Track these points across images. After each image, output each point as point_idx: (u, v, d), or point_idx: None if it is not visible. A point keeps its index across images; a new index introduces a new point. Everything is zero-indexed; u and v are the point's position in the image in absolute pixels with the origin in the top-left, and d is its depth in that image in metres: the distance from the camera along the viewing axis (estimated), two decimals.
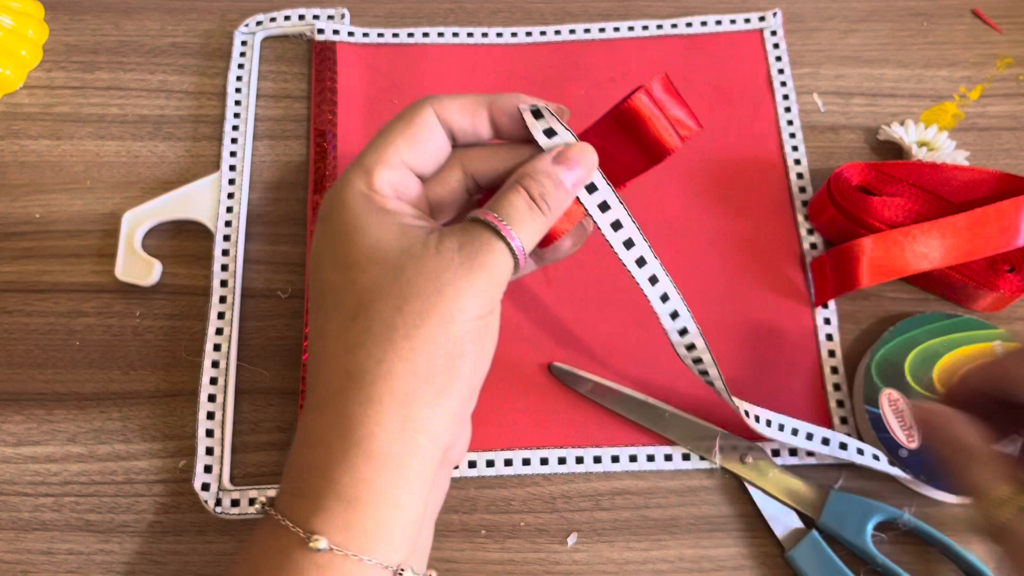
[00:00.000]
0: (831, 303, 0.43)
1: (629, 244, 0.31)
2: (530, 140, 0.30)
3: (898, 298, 0.43)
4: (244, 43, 0.49)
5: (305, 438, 0.27)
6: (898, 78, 0.49)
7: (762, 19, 0.50)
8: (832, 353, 0.42)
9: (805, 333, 0.42)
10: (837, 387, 0.41)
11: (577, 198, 0.30)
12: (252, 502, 0.39)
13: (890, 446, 0.39)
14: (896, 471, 0.39)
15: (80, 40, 0.50)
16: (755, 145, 0.47)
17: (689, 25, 0.50)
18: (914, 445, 0.39)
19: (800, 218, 0.45)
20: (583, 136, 0.30)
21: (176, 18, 0.51)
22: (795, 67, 0.49)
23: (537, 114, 0.30)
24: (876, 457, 0.39)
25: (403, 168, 0.29)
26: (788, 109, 0.47)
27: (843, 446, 0.38)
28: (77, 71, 0.49)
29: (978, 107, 0.48)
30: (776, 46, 0.49)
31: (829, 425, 0.41)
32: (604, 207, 0.31)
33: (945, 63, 0.49)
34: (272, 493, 0.38)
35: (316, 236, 0.29)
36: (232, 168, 0.46)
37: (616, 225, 0.31)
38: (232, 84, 0.48)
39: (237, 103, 0.48)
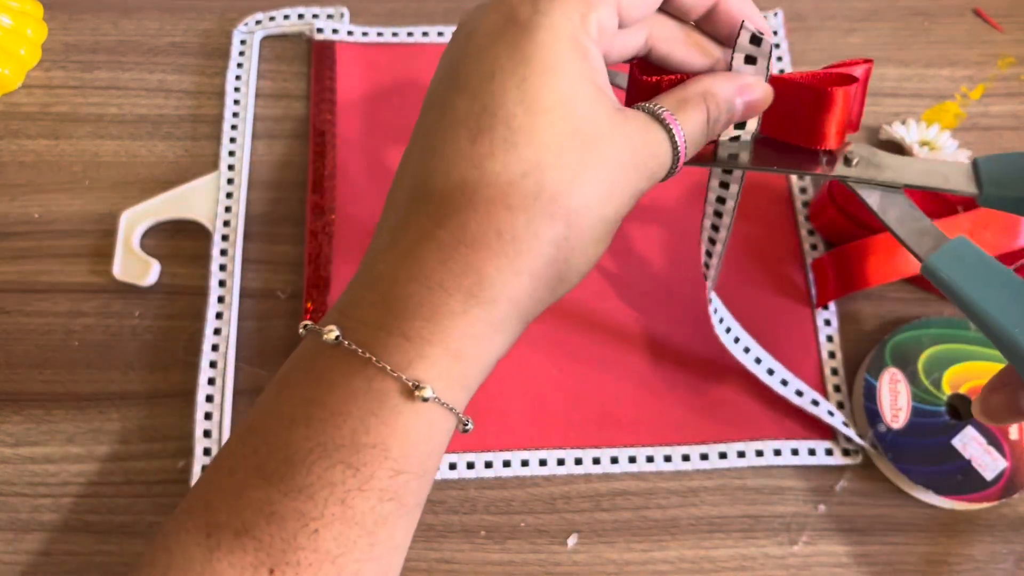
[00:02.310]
0: (831, 304, 0.43)
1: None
2: (725, 43, 0.29)
3: (900, 298, 0.43)
4: (243, 42, 0.49)
5: (412, 270, 0.25)
6: (899, 77, 0.49)
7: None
8: (832, 354, 0.42)
9: (805, 334, 0.42)
10: (837, 388, 0.41)
11: None
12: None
13: (872, 418, 0.39)
14: (854, 436, 0.39)
15: (79, 39, 0.50)
16: None
17: None
18: (896, 426, 0.39)
19: (801, 219, 0.45)
20: (772, 80, 0.29)
21: (175, 17, 0.50)
22: (796, 66, 0.49)
23: (754, 40, 0.29)
24: (831, 413, 0.40)
25: (614, 10, 0.26)
26: None
27: (799, 393, 0.40)
28: (76, 70, 0.49)
29: (980, 106, 0.48)
30: (777, 46, 0.49)
31: (828, 428, 0.40)
32: (735, 140, 0.30)
33: (946, 62, 0.49)
34: None
35: (502, 35, 0.25)
36: (231, 168, 0.46)
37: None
38: (231, 83, 0.48)
39: (236, 102, 0.48)
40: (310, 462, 0.23)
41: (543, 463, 0.40)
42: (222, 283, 0.43)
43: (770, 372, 0.41)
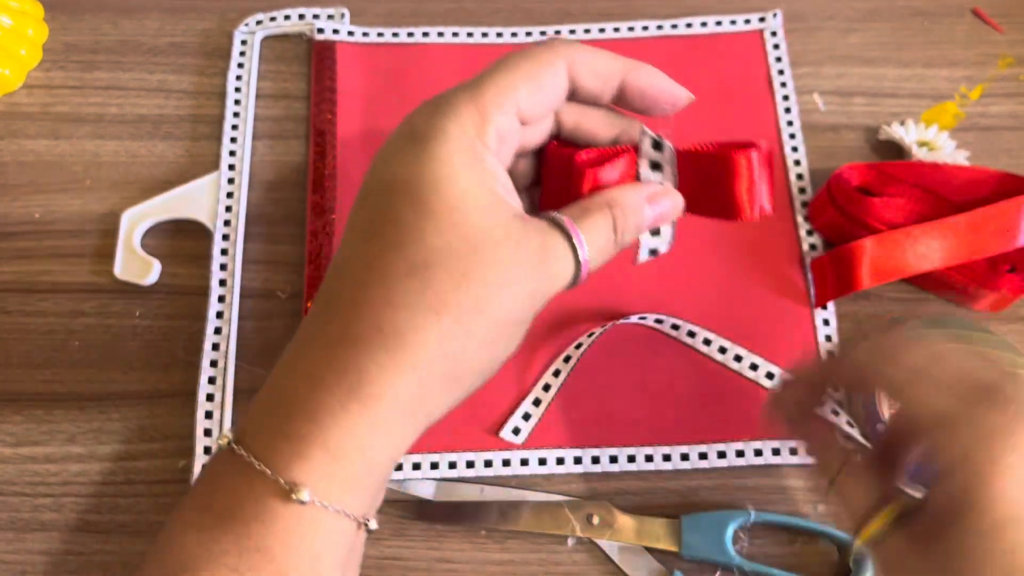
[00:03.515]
0: (831, 304, 0.43)
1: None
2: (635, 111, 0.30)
3: (898, 298, 0.43)
4: (244, 42, 0.49)
5: (302, 369, 0.25)
6: (899, 77, 0.49)
7: (762, 19, 0.50)
8: (832, 354, 0.42)
9: (805, 334, 0.42)
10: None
11: None
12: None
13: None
14: (858, 437, 0.39)
15: (79, 39, 0.50)
16: None
17: (689, 26, 0.49)
18: None
19: (800, 219, 0.45)
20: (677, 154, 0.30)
21: (175, 17, 0.50)
22: (795, 67, 0.49)
23: (657, 145, 0.29)
24: (835, 412, 0.40)
25: (514, 116, 0.27)
26: (788, 109, 0.47)
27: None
28: (76, 71, 0.49)
29: (979, 107, 0.48)
30: (776, 46, 0.49)
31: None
32: (653, 252, 0.31)
33: (946, 62, 0.49)
34: None
35: (400, 152, 0.26)
36: (231, 168, 0.46)
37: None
38: (231, 84, 0.48)
39: (236, 103, 0.48)
40: (198, 568, 0.24)
41: (543, 462, 0.40)
42: (223, 283, 0.43)
43: (769, 376, 0.41)
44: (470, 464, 0.40)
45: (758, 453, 0.40)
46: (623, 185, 0.29)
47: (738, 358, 0.41)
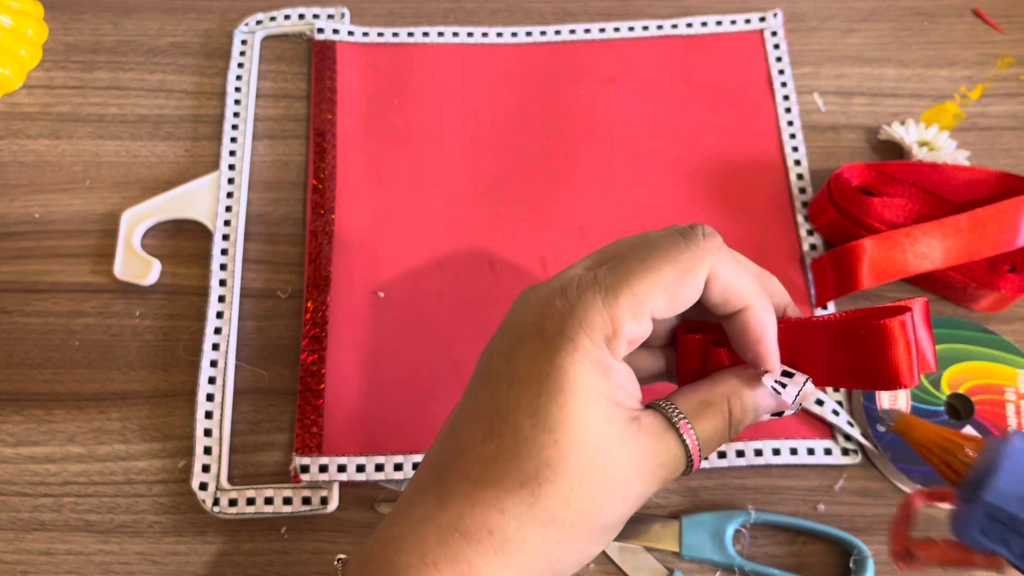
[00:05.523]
0: (831, 304, 0.43)
1: None
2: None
3: (898, 298, 0.43)
4: (244, 42, 0.49)
5: (416, 546, 0.26)
6: (899, 77, 0.49)
7: (762, 19, 0.50)
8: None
9: None
10: (836, 388, 0.41)
11: None
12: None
13: (871, 418, 0.40)
14: (858, 436, 0.39)
15: (79, 40, 0.50)
16: (755, 145, 0.47)
17: (689, 25, 0.49)
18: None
19: (800, 219, 0.45)
20: (811, 326, 0.28)
21: (176, 17, 0.51)
22: (795, 67, 0.49)
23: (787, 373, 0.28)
24: (836, 412, 0.40)
25: (648, 322, 0.26)
26: (788, 109, 0.47)
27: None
28: (76, 71, 0.49)
29: (979, 107, 0.48)
30: (776, 46, 0.49)
31: (828, 427, 0.40)
32: (779, 414, 0.30)
33: (946, 63, 0.49)
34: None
35: (526, 346, 0.26)
36: (231, 168, 0.46)
37: None
38: (232, 84, 0.48)
39: (237, 103, 0.48)
40: None
41: None
42: (223, 283, 0.43)
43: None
44: None
45: (758, 453, 0.40)
46: (749, 375, 0.28)
47: None
